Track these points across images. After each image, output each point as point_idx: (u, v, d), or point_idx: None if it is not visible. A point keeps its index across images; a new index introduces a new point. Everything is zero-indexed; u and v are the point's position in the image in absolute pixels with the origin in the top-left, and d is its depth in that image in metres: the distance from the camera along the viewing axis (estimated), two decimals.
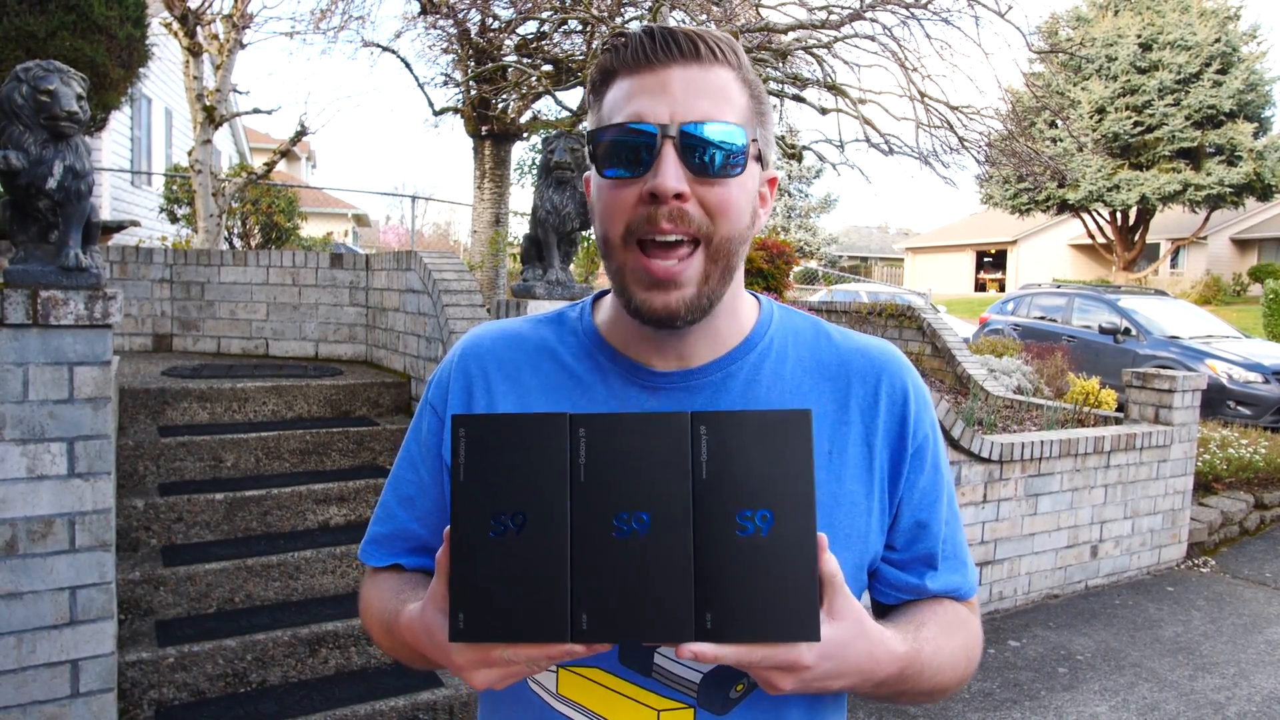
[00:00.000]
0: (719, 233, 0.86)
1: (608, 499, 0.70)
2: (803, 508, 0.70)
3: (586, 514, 0.70)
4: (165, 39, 8.35)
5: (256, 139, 21.51)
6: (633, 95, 0.85)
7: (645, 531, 0.69)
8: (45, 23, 4.40)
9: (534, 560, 0.69)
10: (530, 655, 0.71)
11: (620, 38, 0.87)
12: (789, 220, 34.82)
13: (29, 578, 2.59)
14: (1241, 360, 9.18)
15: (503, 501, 0.70)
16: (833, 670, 0.75)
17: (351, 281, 5.66)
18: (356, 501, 3.96)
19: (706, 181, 0.84)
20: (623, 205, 0.85)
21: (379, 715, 3.00)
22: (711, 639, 0.69)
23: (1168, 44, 23.15)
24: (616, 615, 0.69)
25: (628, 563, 0.69)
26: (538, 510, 0.70)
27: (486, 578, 0.70)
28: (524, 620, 0.69)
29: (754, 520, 0.70)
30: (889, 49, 8.65)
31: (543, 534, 0.70)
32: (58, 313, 2.58)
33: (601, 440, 0.70)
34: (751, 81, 0.90)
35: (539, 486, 0.70)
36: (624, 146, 0.85)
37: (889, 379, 0.96)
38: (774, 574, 0.69)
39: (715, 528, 0.70)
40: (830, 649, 0.74)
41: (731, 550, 0.70)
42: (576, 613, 0.69)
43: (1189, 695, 3.79)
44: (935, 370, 7.75)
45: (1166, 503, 5.47)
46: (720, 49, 0.86)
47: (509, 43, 9.56)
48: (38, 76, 2.59)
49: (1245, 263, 27.42)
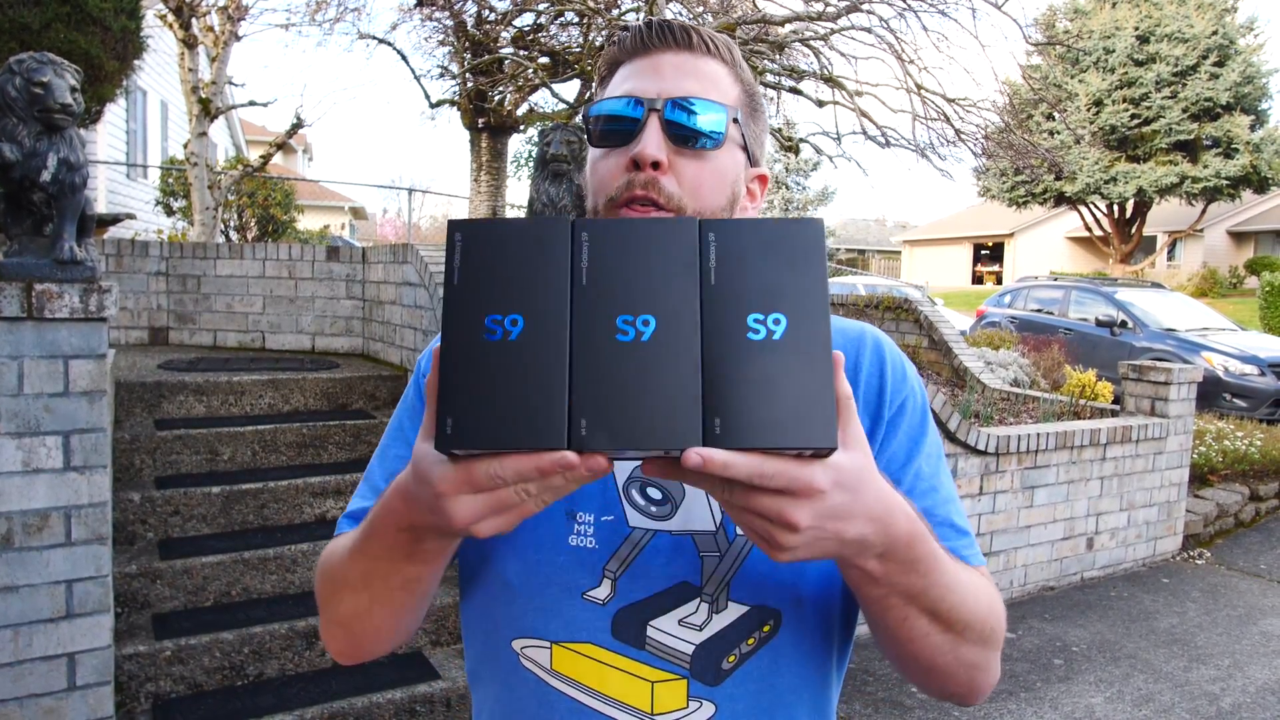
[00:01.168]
0: (690, 206, 0.89)
1: (611, 302, 0.66)
2: (816, 313, 0.66)
3: (588, 316, 0.65)
4: (160, 31, 8.31)
5: (252, 132, 21.44)
6: (628, 78, 0.92)
7: (650, 334, 0.65)
8: (39, 15, 4.38)
9: (531, 363, 0.65)
10: (520, 467, 0.64)
11: (624, 29, 0.94)
12: (786, 213, 34.81)
13: (25, 571, 2.59)
14: (1238, 353, 9.20)
15: (498, 304, 0.66)
16: (846, 505, 0.68)
17: (348, 275, 5.65)
18: (353, 494, 3.96)
19: (686, 154, 0.88)
20: (609, 172, 0.90)
21: (376, 708, 3.00)
22: (719, 444, 0.63)
23: (1165, 36, 23.14)
24: (618, 420, 0.64)
25: (631, 366, 0.65)
26: (536, 312, 0.66)
27: (479, 382, 0.65)
28: (518, 425, 0.64)
29: (766, 324, 0.65)
30: (885, 41, 8.64)
31: (541, 336, 0.65)
32: (53, 306, 2.57)
33: (605, 244, 0.67)
34: (745, 80, 0.94)
35: (538, 289, 0.66)
36: (614, 118, 0.90)
37: (869, 352, 0.97)
38: (788, 377, 0.65)
39: (725, 332, 0.65)
40: (845, 477, 0.67)
41: (742, 353, 0.65)
42: (575, 417, 0.64)
43: (1184, 686, 3.81)
44: (932, 363, 7.76)
45: (1162, 495, 5.49)
46: (714, 43, 0.92)
47: (505, 35, 9.53)
48: (31, 69, 2.58)
49: (1242, 255, 27.46)
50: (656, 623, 0.89)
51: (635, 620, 0.90)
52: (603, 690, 0.90)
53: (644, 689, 0.89)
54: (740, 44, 8.17)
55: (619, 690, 0.90)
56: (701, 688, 0.89)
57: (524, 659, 0.94)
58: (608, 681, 0.90)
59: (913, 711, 3.52)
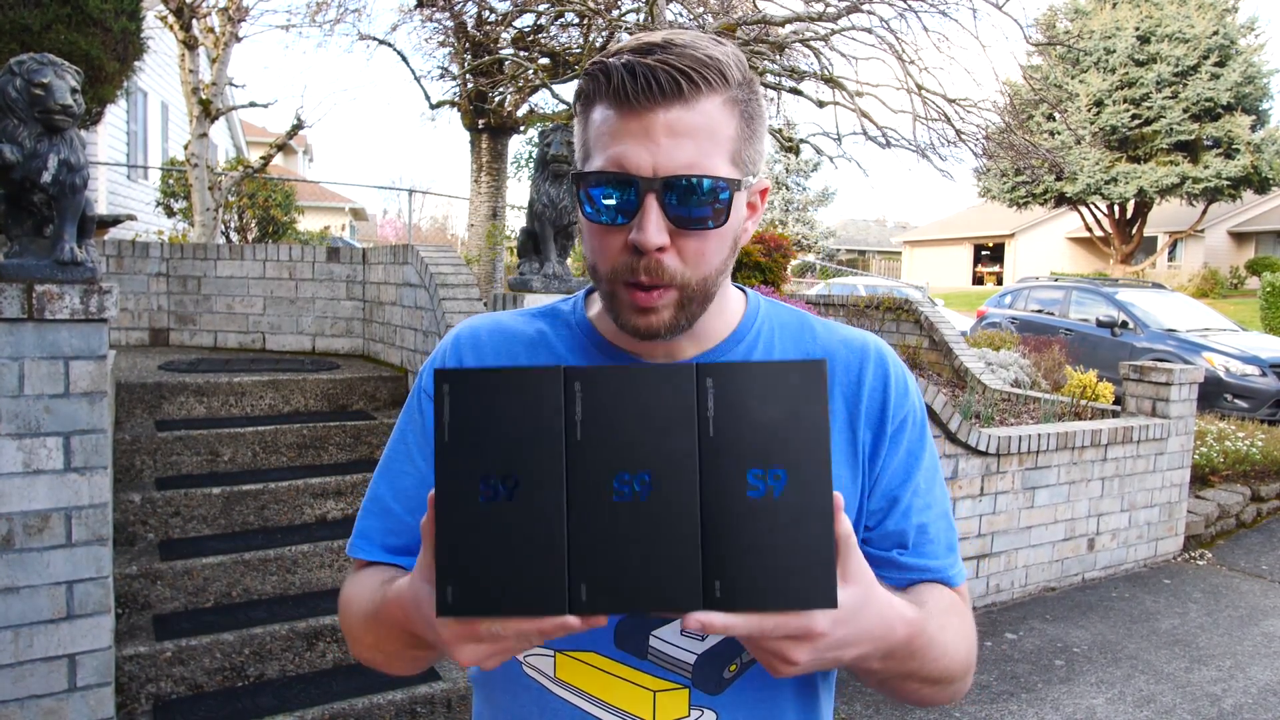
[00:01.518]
0: (694, 277, 0.86)
1: (606, 458, 0.65)
2: (818, 465, 0.65)
3: (583, 475, 0.64)
4: (161, 32, 8.32)
5: (253, 133, 21.45)
6: (616, 136, 0.83)
7: (648, 493, 0.64)
8: (40, 16, 4.38)
9: (527, 526, 0.64)
10: (521, 629, 0.66)
11: (600, 67, 0.84)
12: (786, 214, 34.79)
13: (26, 572, 2.59)
14: (1238, 353, 9.19)
15: (492, 463, 0.65)
16: (847, 637, 0.72)
17: (348, 275, 5.65)
18: (354, 495, 3.96)
19: (687, 233, 0.84)
20: (609, 249, 0.86)
21: (376, 709, 3.00)
22: (721, 608, 0.64)
23: (1165, 36, 23.13)
24: (617, 584, 0.64)
25: (629, 527, 0.64)
26: (530, 472, 0.65)
27: (476, 547, 0.64)
28: (517, 592, 0.64)
29: (766, 479, 0.65)
30: (886, 41, 8.63)
31: (536, 498, 0.64)
32: (53, 307, 2.57)
33: (599, 395, 0.65)
34: (742, 99, 0.87)
35: (531, 446, 0.65)
36: (608, 196, 0.84)
37: (871, 365, 0.98)
38: (788, 537, 0.64)
39: (724, 488, 0.65)
40: (844, 614, 0.70)
41: (742, 512, 0.65)
42: (574, 582, 0.64)
43: (1185, 687, 3.80)
44: (933, 364, 7.76)
45: (1163, 495, 5.48)
46: (706, 76, 0.82)
47: (505, 36, 9.54)
48: (32, 70, 2.58)
49: (1242, 256, 27.44)
50: (659, 633, 0.91)
51: (638, 630, 0.91)
52: (605, 698, 0.92)
53: (646, 698, 0.91)
54: (740, 44, 8.17)
55: (621, 699, 0.91)
56: (703, 697, 0.91)
57: (527, 666, 0.95)
58: (610, 690, 0.91)
59: (914, 713, 3.51)
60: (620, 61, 0.82)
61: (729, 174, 0.84)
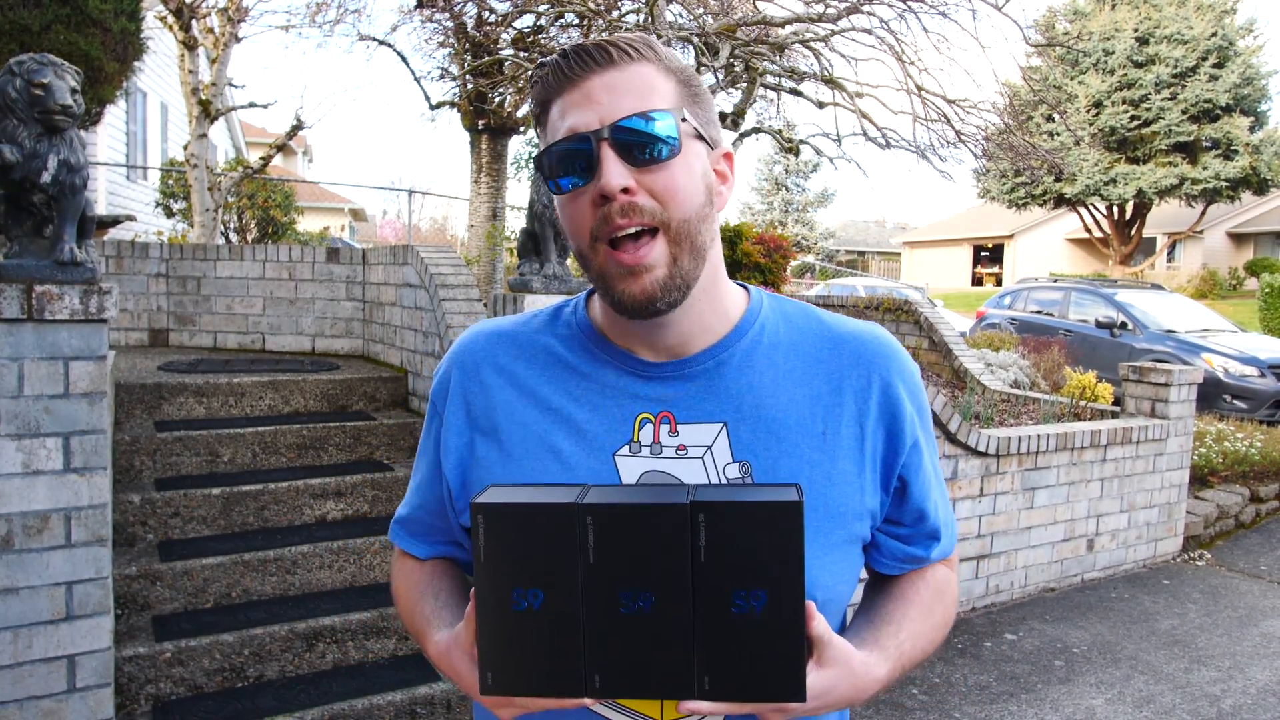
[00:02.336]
0: (674, 216, 0.89)
1: (615, 579, 0.78)
2: (793, 588, 0.77)
3: (596, 592, 0.78)
4: (160, 32, 8.32)
5: (253, 133, 21.45)
6: (565, 113, 0.90)
7: (649, 608, 0.77)
8: (39, 16, 4.38)
9: (552, 631, 0.78)
10: (547, 704, 0.82)
11: (538, 66, 0.94)
12: (786, 215, 34.80)
13: (25, 573, 2.59)
14: (1237, 354, 9.20)
15: (521, 580, 0.79)
16: (821, 707, 0.84)
17: (348, 276, 5.65)
18: (353, 496, 3.96)
19: (648, 170, 0.88)
20: (581, 213, 0.90)
21: (376, 710, 3.00)
22: (709, 699, 0.78)
23: (1164, 38, 23.15)
24: (625, 677, 0.79)
25: (634, 635, 0.78)
26: (553, 589, 0.78)
27: (510, 645, 0.79)
28: (544, 679, 0.79)
29: (748, 600, 0.77)
30: (886, 42, 8.64)
31: (558, 609, 0.78)
32: (53, 307, 2.57)
33: (607, 527, 0.77)
34: (676, 69, 0.93)
35: (553, 568, 0.78)
36: (566, 160, 0.89)
37: (882, 364, 0.99)
38: (766, 646, 0.77)
39: (713, 605, 0.77)
40: (818, 691, 0.82)
41: (727, 625, 0.77)
42: (589, 674, 0.78)
43: (1184, 688, 3.81)
44: (932, 364, 7.76)
45: (1162, 496, 5.48)
46: (633, 47, 0.90)
47: (505, 36, 9.54)
48: (31, 70, 2.58)
49: (1241, 257, 27.45)
50: None
51: None
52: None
53: (654, 702, 0.92)
54: (741, 45, 8.17)
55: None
56: None
57: None
58: None
59: (913, 713, 3.51)
60: (556, 53, 0.93)
61: (673, 110, 0.90)
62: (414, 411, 4.72)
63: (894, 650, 0.95)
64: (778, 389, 0.96)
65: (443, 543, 1.09)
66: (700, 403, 0.95)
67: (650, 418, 0.95)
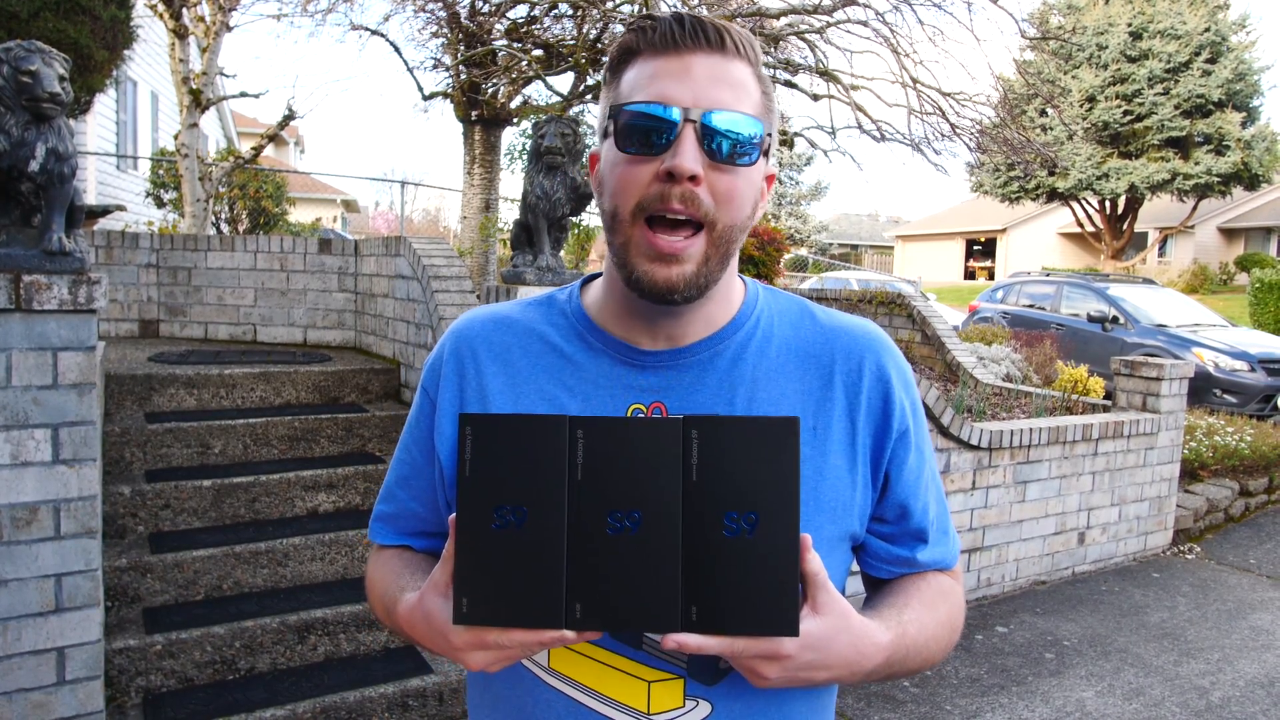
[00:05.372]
0: (723, 220, 0.89)
1: (602, 498, 0.74)
2: (786, 511, 0.74)
3: (582, 511, 0.74)
4: (150, 21, 8.24)
5: (244, 123, 21.33)
6: (656, 76, 0.88)
7: (637, 529, 0.74)
8: (28, 3, 4.33)
9: (533, 552, 0.74)
10: (524, 640, 0.76)
11: (648, 19, 0.91)
12: (779, 207, 34.78)
13: (13, 565, 2.57)
14: (1228, 349, 9.24)
15: (505, 496, 0.75)
16: (816, 661, 0.79)
17: (340, 267, 5.62)
18: (345, 488, 3.95)
19: (720, 168, 0.87)
20: (637, 181, 0.88)
21: (368, 702, 2.99)
22: (696, 630, 0.74)
23: (1158, 33, 23.18)
24: (607, 605, 0.74)
25: (620, 557, 0.74)
26: (537, 506, 0.74)
27: (489, 566, 0.75)
28: (522, 607, 0.74)
29: (740, 521, 0.74)
30: (881, 35, 8.62)
31: (542, 528, 0.74)
32: (41, 297, 2.54)
33: (598, 443, 0.75)
34: (764, 78, 0.93)
35: (539, 484, 0.75)
36: (645, 124, 0.87)
37: (873, 358, 0.99)
38: (757, 572, 0.74)
39: (703, 527, 0.74)
40: (812, 641, 0.78)
41: (717, 549, 0.74)
42: (571, 602, 0.74)
43: (1174, 680, 3.83)
44: (925, 358, 7.77)
45: (1153, 490, 5.51)
46: (743, 44, 0.90)
47: (499, 27, 9.48)
48: (19, 57, 2.55)
49: (1232, 252, 27.57)
50: None
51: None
52: (600, 689, 0.92)
53: (640, 688, 0.91)
54: None
55: (616, 689, 0.92)
56: (698, 687, 0.91)
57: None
58: (605, 681, 0.92)
59: (905, 705, 3.53)
60: (668, 15, 0.89)
61: (763, 119, 0.90)
62: (406, 403, 4.71)
63: (895, 623, 0.90)
64: (770, 382, 0.96)
65: (434, 535, 1.07)
66: (692, 394, 0.95)
67: (642, 408, 0.95)
